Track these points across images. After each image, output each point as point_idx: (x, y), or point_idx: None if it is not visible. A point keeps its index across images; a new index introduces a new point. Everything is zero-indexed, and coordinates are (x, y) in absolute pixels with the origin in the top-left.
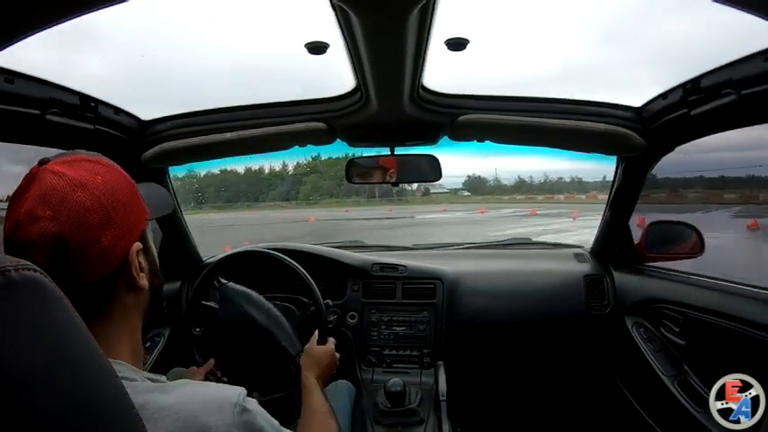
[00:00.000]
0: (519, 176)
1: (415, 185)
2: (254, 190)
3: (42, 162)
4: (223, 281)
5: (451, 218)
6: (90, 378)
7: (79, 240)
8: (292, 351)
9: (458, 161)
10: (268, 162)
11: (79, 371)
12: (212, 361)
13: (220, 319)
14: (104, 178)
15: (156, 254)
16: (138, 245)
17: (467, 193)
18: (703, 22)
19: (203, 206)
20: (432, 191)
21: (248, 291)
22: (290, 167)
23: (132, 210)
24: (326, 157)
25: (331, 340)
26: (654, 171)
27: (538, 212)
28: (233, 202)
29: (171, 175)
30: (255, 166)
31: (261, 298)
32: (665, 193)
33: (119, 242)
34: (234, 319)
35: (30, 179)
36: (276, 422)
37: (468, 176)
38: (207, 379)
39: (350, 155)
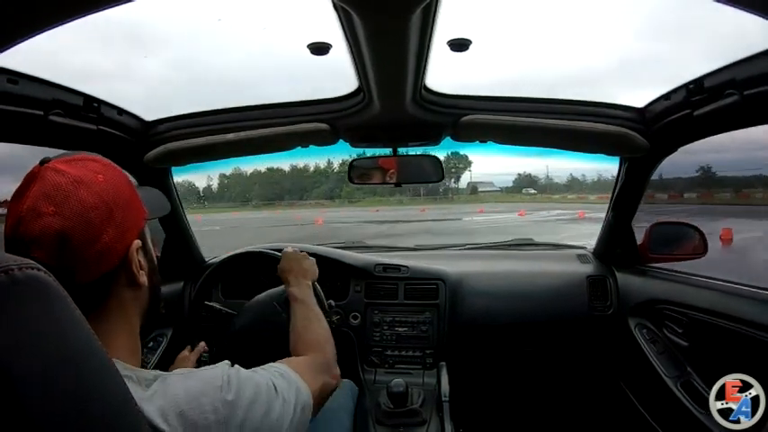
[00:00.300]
0: (571, 174)
1: (464, 183)
2: (298, 188)
3: (44, 161)
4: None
5: (469, 223)
6: (92, 377)
7: (81, 237)
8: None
9: (507, 159)
10: (313, 160)
11: (82, 370)
12: (202, 345)
13: (238, 330)
14: (105, 177)
15: (153, 253)
16: (137, 242)
17: (533, 191)
18: (705, 22)
19: (248, 203)
20: (480, 189)
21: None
22: (336, 165)
23: (132, 209)
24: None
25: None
26: (714, 168)
27: (587, 215)
28: (278, 200)
29: (197, 173)
30: (300, 164)
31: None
32: (728, 192)
33: (118, 240)
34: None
35: (31, 178)
36: (261, 376)
37: (519, 174)
38: (198, 361)
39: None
